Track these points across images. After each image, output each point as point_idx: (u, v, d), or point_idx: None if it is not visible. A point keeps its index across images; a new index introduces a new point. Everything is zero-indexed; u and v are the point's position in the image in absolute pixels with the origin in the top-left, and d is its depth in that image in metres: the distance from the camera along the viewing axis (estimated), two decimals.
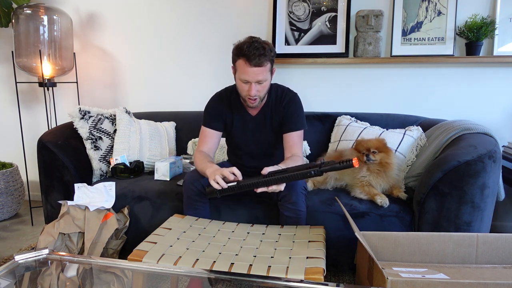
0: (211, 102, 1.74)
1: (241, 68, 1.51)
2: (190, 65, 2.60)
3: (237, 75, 1.57)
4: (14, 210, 2.57)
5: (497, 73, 2.20)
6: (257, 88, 1.54)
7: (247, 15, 2.47)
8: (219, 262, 1.13)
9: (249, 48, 1.47)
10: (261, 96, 1.58)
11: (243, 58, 1.48)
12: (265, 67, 1.51)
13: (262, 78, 1.52)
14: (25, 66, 2.38)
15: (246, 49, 1.47)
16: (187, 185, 1.57)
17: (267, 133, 1.72)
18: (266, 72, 1.53)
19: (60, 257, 1.19)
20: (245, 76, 1.51)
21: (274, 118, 1.69)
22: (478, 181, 1.47)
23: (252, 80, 1.51)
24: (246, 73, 1.50)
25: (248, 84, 1.53)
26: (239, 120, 1.72)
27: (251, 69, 1.48)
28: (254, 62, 1.47)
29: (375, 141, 1.76)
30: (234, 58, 1.55)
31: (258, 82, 1.53)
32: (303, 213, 1.52)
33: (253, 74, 1.50)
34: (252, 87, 1.52)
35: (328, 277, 1.73)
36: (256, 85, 1.53)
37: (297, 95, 1.70)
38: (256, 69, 1.49)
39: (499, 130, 2.22)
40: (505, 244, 1.35)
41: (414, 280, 1.06)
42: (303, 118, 1.67)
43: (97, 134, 2.07)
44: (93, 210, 1.72)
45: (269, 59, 1.51)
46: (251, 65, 1.48)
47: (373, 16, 2.22)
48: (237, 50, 1.52)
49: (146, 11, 2.60)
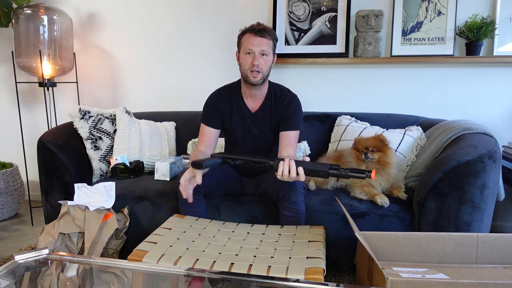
0: (210, 99, 1.75)
1: (246, 40, 1.61)
2: (190, 65, 2.60)
3: (241, 50, 1.64)
4: (14, 210, 2.57)
5: (497, 73, 2.20)
6: (260, 61, 1.60)
7: (247, 15, 2.47)
8: (219, 262, 1.13)
9: (253, 24, 1.63)
10: (263, 71, 1.62)
11: (249, 32, 1.62)
12: (268, 41, 1.61)
13: (266, 49, 1.60)
14: (25, 66, 2.38)
15: (251, 25, 1.63)
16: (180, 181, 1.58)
17: (265, 131, 1.73)
18: (269, 47, 1.62)
19: (60, 257, 1.19)
20: (250, 45, 1.59)
21: (273, 116, 1.70)
22: (478, 181, 1.47)
23: (256, 48, 1.58)
24: (251, 42, 1.59)
25: (252, 56, 1.60)
26: (238, 116, 1.73)
27: (256, 38, 1.59)
28: (259, 33, 1.59)
29: (373, 140, 1.76)
30: (240, 38, 1.66)
31: (261, 53, 1.60)
32: (303, 212, 1.52)
33: (257, 42, 1.59)
34: (256, 57, 1.59)
35: (328, 277, 1.73)
36: (260, 57, 1.59)
37: (297, 97, 1.72)
38: (260, 38, 1.59)
39: (499, 130, 2.22)
40: (505, 244, 1.35)
41: (414, 280, 1.06)
42: (300, 120, 1.69)
43: (97, 134, 2.06)
44: (93, 210, 1.72)
45: (272, 37, 1.63)
46: (256, 35, 1.59)
47: (373, 16, 2.22)
48: (242, 30, 1.65)
49: (146, 11, 2.60)
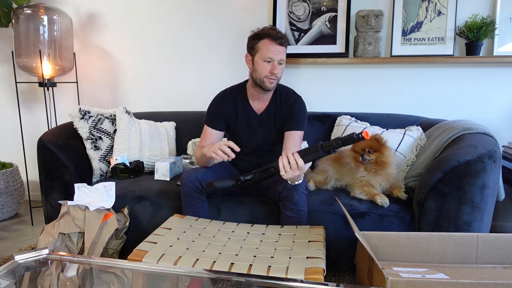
0: (215, 101, 1.75)
1: (266, 46, 1.58)
2: (190, 65, 2.60)
3: (258, 56, 1.61)
4: (14, 210, 2.57)
5: (497, 73, 2.20)
6: (278, 69, 1.61)
7: (247, 15, 2.47)
8: (219, 262, 1.13)
9: (271, 30, 1.59)
10: (278, 78, 1.64)
11: (268, 38, 1.58)
12: (285, 49, 1.62)
13: (283, 57, 1.61)
14: (25, 66, 2.38)
15: (269, 30, 1.59)
16: (185, 182, 1.58)
17: (270, 132, 1.74)
18: (285, 55, 1.62)
19: (60, 257, 1.19)
20: (270, 53, 1.58)
21: (278, 117, 1.72)
22: (478, 181, 1.47)
23: (276, 57, 1.58)
24: (271, 50, 1.57)
25: (271, 63, 1.60)
26: (244, 118, 1.73)
27: (276, 47, 1.58)
28: (279, 41, 1.58)
29: (369, 141, 1.76)
30: (255, 41, 1.62)
31: (280, 62, 1.61)
32: (305, 213, 1.52)
33: (278, 51, 1.58)
34: (275, 65, 1.59)
35: (328, 277, 1.73)
36: (278, 65, 1.60)
37: (302, 98, 1.74)
38: (280, 47, 1.58)
39: (499, 130, 2.22)
40: (505, 244, 1.35)
41: (414, 280, 1.06)
42: (305, 121, 1.71)
43: (97, 134, 2.06)
44: (93, 210, 1.72)
45: (287, 44, 1.64)
46: (277, 43, 1.57)
47: (373, 16, 2.22)
48: (258, 33, 1.61)
49: (146, 12, 2.60)
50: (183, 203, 1.61)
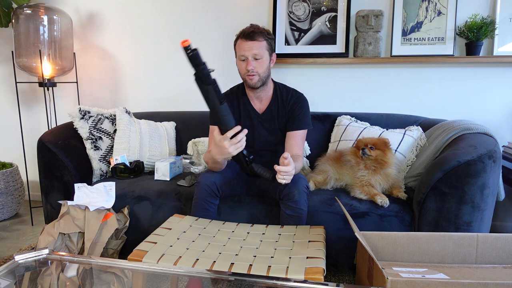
0: None
1: (238, 46, 1.62)
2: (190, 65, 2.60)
3: (237, 57, 1.66)
4: (14, 210, 2.57)
5: (497, 73, 2.20)
6: (254, 64, 1.60)
7: (247, 15, 2.47)
8: (219, 262, 1.14)
9: (245, 28, 1.63)
10: (260, 74, 1.63)
11: (240, 37, 1.62)
12: (260, 43, 1.60)
13: (258, 52, 1.59)
14: (25, 66, 2.38)
15: (243, 30, 1.63)
16: (202, 186, 1.56)
17: (273, 132, 1.75)
18: (262, 48, 1.60)
19: (60, 257, 1.19)
20: (241, 51, 1.60)
21: (281, 116, 1.72)
22: (478, 181, 1.47)
23: (248, 54, 1.59)
24: (242, 48, 1.60)
25: (246, 61, 1.61)
26: (246, 118, 1.74)
27: (246, 43, 1.59)
28: (249, 37, 1.59)
29: (375, 139, 1.77)
30: (234, 44, 1.66)
31: (255, 57, 1.60)
32: (305, 212, 1.52)
33: (249, 47, 1.58)
34: (249, 62, 1.60)
35: (328, 277, 1.73)
36: (253, 61, 1.60)
37: (303, 95, 1.75)
38: (251, 42, 1.58)
39: (499, 130, 2.22)
40: (505, 244, 1.35)
41: (414, 280, 1.06)
42: (308, 118, 1.72)
43: (97, 134, 2.07)
44: (93, 210, 1.72)
45: (265, 37, 1.61)
46: (246, 40, 1.59)
47: (373, 16, 2.22)
48: (237, 36, 1.65)
49: (146, 12, 2.60)
50: (195, 206, 1.58)
